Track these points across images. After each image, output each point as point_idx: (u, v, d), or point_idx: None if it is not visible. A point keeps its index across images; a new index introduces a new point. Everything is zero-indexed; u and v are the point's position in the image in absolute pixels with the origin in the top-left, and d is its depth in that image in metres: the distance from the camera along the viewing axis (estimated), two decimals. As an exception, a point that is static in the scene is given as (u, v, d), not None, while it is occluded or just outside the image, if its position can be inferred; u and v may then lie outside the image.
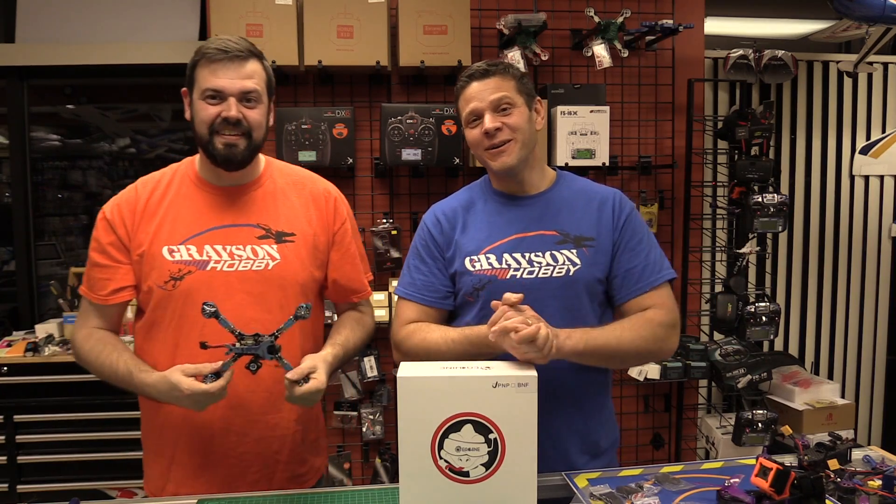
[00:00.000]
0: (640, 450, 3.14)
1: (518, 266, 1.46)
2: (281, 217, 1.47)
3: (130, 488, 2.70)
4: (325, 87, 2.84)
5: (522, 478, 1.21)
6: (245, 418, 1.43)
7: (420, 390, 1.19)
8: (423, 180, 2.88)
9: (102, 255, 1.44)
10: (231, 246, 1.42)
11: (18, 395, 2.68)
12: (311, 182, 1.56)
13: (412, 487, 1.21)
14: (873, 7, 2.63)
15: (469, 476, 1.21)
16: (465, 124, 1.51)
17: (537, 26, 2.72)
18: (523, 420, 1.19)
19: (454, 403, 1.19)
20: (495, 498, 1.21)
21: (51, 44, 3.10)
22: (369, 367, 2.77)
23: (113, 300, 1.44)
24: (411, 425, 1.20)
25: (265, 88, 1.42)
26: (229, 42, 1.36)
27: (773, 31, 4.03)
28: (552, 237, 1.48)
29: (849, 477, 1.31)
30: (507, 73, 1.47)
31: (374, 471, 2.88)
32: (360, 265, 1.60)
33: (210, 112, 1.37)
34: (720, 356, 2.84)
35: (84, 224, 3.77)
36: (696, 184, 3.02)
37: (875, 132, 3.48)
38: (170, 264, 1.40)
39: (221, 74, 1.35)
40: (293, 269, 1.45)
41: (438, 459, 1.20)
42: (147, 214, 1.43)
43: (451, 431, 1.19)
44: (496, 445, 1.20)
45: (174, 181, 1.47)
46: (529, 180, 1.53)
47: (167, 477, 1.46)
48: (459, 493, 1.21)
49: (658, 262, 1.51)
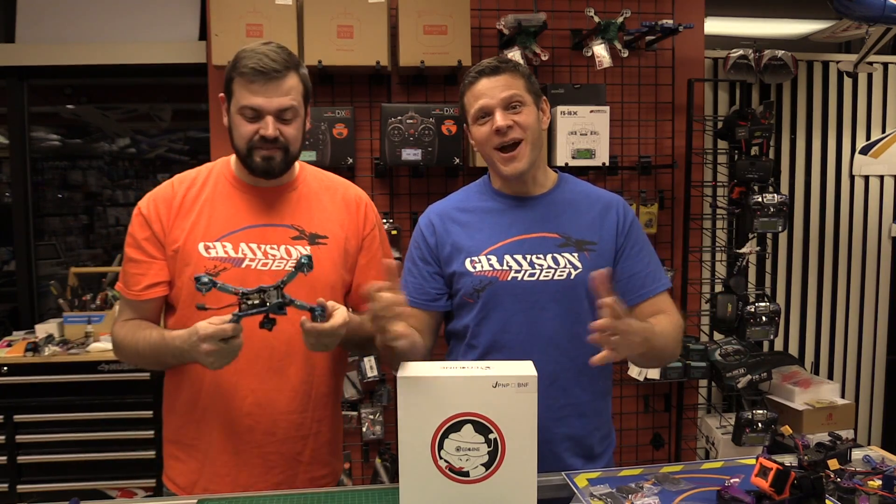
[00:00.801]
0: (640, 450, 3.14)
1: (519, 268, 1.46)
2: (314, 219, 1.49)
3: (130, 488, 2.70)
4: (325, 87, 2.84)
5: (523, 477, 1.21)
6: (271, 417, 1.44)
7: (420, 390, 1.19)
8: (423, 180, 2.88)
9: (137, 251, 1.46)
10: (266, 245, 1.44)
11: (18, 395, 2.68)
12: (343, 187, 1.58)
13: (412, 487, 1.21)
14: (873, 7, 2.63)
15: (469, 476, 1.21)
16: (472, 121, 1.48)
17: (537, 26, 2.72)
18: (523, 420, 1.19)
19: (454, 403, 1.19)
20: (496, 498, 1.21)
21: (51, 44, 3.10)
22: (369, 367, 2.77)
23: (146, 295, 1.45)
24: (411, 425, 1.20)
25: (302, 101, 1.43)
26: (265, 58, 1.36)
27: (773, 31, 4.03)
28: (554, 240, 1.48)
29: (849, 477, 1.31)
30: (516, 71, 1.46)
31: (374, 471, 2.88)
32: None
33: (248, 129, 1.39)
34: (720, 356, 2.84)
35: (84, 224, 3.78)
36: (696, 184, 3.02)
37: (875, 132, 3.48)
38: (206, 261, 1.41)
39: (258, 93, 1.36)
40: (325, 270, 1.46)
41: (438, 459, 1.20)
42: (183, 211, 1.45)
43: (451, 431, 1.19)
44: (496, 445, 1.20)
45: (210, 179, 1.49)
46: (534, 181, 1.52)
47: (201, 472, 1.47)
48: (459, 493, 1.21)
49: (658, 269, 1.53)
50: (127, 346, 1.45)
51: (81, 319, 2.84)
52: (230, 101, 1.41)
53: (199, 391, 1.45)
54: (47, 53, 3.07)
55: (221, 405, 1.44)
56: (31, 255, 3.31)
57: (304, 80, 1.45)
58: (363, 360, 2.77)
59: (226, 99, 1.43)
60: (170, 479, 1.52)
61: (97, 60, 3.06)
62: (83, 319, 2.84)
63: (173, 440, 1.53)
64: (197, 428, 1.47)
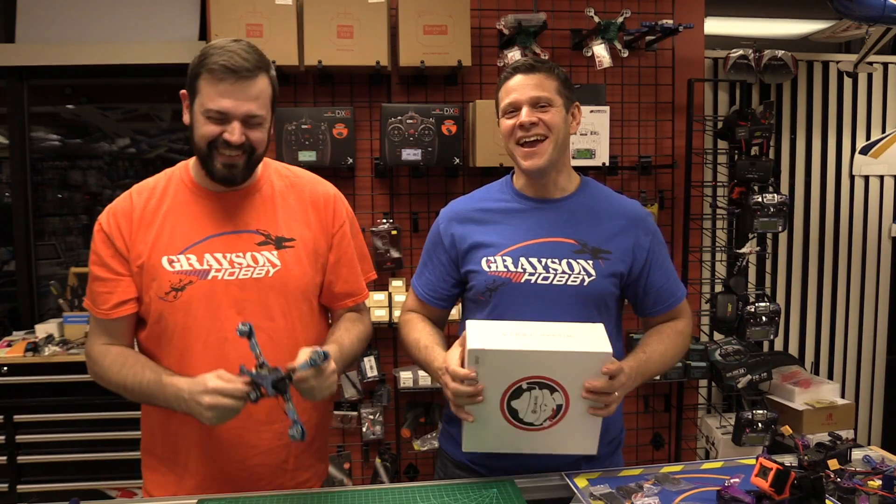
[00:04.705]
0: (640, 450, 3.14)
1: (534, 271, 1.46)
2: (280, 222, 1.44)
3: (130, 488, 2.70)
4: (325, 87, 2.84)
5: (586, 424, 1.32)
6: (253, 430, 1.41)
7: (491, 360, 1.26)
8: (423, 180, 2.88)
9: (102, 269, 1.40)
10: (231, 254, 1.39)
11: (18, 395, 2.68)
12: (310, 184, 1.53)
13: (477, 428, 1.32)
14: (873, 7, 2.63)
15: (533, 426, 1.31)
16: (501, 114, 1.51)
17: (537, 26, 2.72)
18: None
19: (524, 369, 1.26)
20: (558, 442, 1.34)
21: (51, 44, 3.10)
22: (369, 368, 2.77)
23: (116, 314, 1.40)
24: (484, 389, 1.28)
25: (270, 105, 1.37)
26: (236, 56, 1.28)
27: (773, 31, 4.03)
28: (570, 245, 1.48)
29: (849, 477, 1.31)
30: (551, 73, 1.47)
31: (374, 471, 2.88)
32: (359, 267, 1.57)
33: (212, 130, 1.32)
34: (720, 356, 2.84)
35: (84, 224, 3.77)
36: (696, 184, 3.02)
37: (875, 132, 3.48)
38: (170, 275, 1.36)
39: (226, 94, 1.29)
40: (294, 275, 1.43)
41: (506, 413, 1.30)
42: (144, 224, 1.39)
43: (519, 393, 1.28)
44: (561, 404, 1.30)
45: (169, 188, 1.43)
46: (556, 183, 1.52)
47: (179, 485, 1.44)
48: (522, 437, 1.33)
49: (676, 279, 1.60)
50: (110, 378, 1.39)
51: (81, 319, 2.84)
52: (193, 98, 1.33)
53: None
54: (47, 53, 3.07)
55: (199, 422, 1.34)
56: (31, 255, 3.31)
57: (273, 84, 1.38)
58: (363, 360, 2.77)
59: (188, 96, 1.35)
60: (147, 492, 1.48)
61: (97, 60, 3.06)
62: (83, 319, 2.83)
63: (150, 451, 1.49)
64: (174, 440, 1.43)
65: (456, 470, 1.57)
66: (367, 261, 1.61)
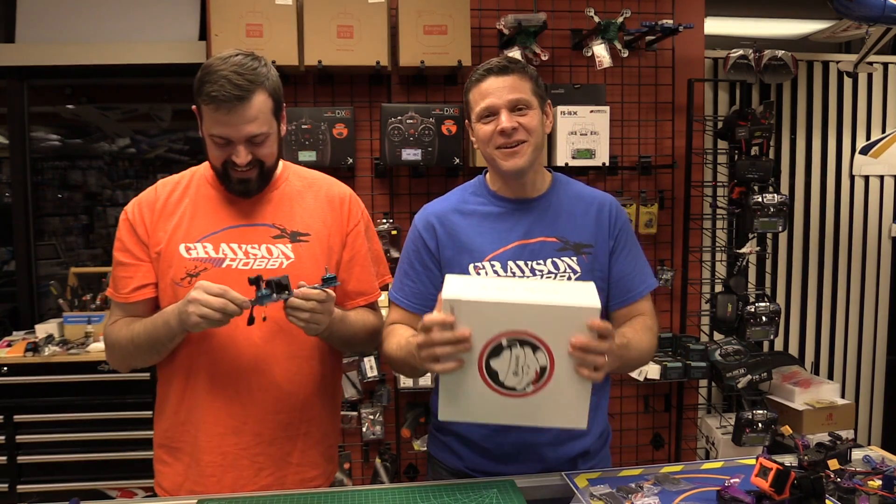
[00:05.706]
0: (640, 450, 3.14)
1: (522, 274, 1.46)
2: (296, 218, 1.49)
3: (130, 488, 2.70)
4: (325, 87, 2.84)
5: (571, 391, 1.20)
6: (257, 418, 1.44)
7: (468, 313, 1.16)
8: (423, 180, 2.88)
9: (125, 254, 1.47)
10: (246, 245, 1.44)
11: (18, 395, 2.68)
12: (326, 185, 1.57)
13: (454, 392, 1.21)
14: (873, 7, 2.63)
15: (516, 391, 1.20)
16: (475, 119, 1.47)
17: (537, 26, 2.72)
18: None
19: (503, 323, 1.16)
20: (541, 410, 1.22)
21: (51, 44, 3.10)
22: (369, 367, 2.77)
23: (135, 297, 1.46)
24: None
25: (272, 118, 1.39)
26: (227, 85, 1.30)
27: (773, 31, 4.03)
28: (553, 244, 1.48)
29: (849, 477, 1.31)
30: (525, 73, 1.46)
31: (374, 471, 2.88)
32: (372, 267, 1.58)
33: (221, 153, 1.38)
34: (720, 356, 2.84)
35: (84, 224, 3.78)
36: (696, 184, 3.02)
37: (875, 132, 3.48)
38: (186, 261, 1.42)
39: (224, 123, 1.33)
40: (307, 267, 1.45)
41: (485, 375, 1.20)
42: (165, 213, 1.46)
43: (499, 351, 1.18)
44: (545, 366, 1.18)
45: (192, 183, 1.50)
46: (531, 183, 1.52)
47: (186, 474, 1.47)
48: (504, 404, 1.21)
49: (644, 270, 1.55)
50: (121, 339, 1.44)
51: (81, 319, 2.84)
52: (201, 117, 1.39)
53: (184, 390, 1.46)
54: (47, 53, 3.07)
55: (206, 406, 1.44)
56: (31, 255, 3.31)
57: (273, 93, 1.38)
58: (363, 360, 2.77)
59: (198, 112, 1.40)
60: (158, 484, 1.52)
61: (97, 60, 3.06)
62: (83, 319, 2.84)
63: (161, 444, 1.53)
64: (182, 429, 1.47)
65: (452, 478, 1.53)
66: (383, 263, 1.63)
